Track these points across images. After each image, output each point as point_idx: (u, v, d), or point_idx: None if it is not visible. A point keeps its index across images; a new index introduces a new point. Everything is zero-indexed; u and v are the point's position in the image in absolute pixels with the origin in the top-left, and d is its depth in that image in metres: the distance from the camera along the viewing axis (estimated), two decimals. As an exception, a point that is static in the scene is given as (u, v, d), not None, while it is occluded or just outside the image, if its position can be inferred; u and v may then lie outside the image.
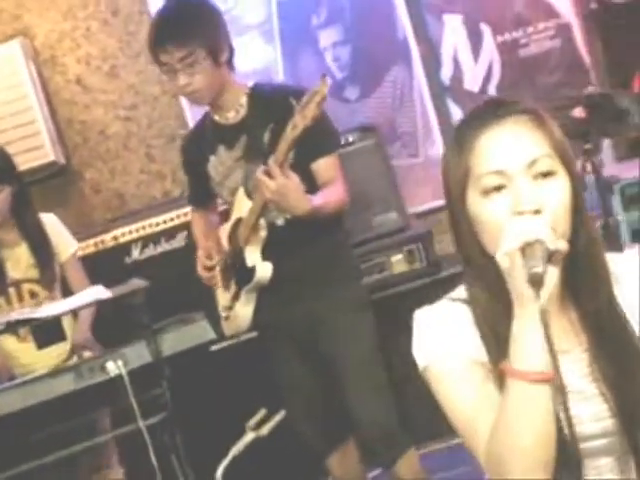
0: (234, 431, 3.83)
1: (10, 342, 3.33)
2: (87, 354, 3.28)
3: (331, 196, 3.01)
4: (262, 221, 3.03)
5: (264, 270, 3.04)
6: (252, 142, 3.04)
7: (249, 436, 2.45)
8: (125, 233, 4.21)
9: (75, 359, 3.30)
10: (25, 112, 4.39)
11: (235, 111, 3.08)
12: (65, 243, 3.61)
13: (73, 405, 2.83)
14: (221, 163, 3.13)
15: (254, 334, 3.24)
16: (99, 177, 4.60)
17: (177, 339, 2.90)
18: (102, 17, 4.54)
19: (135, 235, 4.20)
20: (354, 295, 3.16)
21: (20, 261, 3.48)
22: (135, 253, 4.19)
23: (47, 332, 2.76)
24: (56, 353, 3.34)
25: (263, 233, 3.04)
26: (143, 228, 4.20)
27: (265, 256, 3.06)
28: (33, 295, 3.44)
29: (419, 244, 4.16)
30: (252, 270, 3.05)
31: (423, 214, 4.47)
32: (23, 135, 4.39)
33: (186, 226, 4.19)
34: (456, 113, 4.65)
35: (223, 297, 3.26)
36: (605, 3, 4.74)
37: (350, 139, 4.09)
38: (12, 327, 2.64)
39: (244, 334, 3.25)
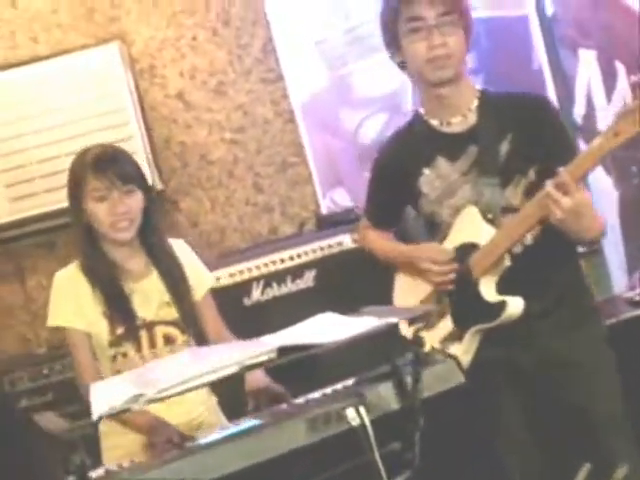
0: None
1: None
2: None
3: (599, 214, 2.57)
4: None
5: (515, 307, 2.54)
6: (485, 154, 2.61)
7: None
8: (244, 270, 3.61)
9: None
10: (121, 127, 3.79)
11: (462, 116, 2.65)
12: (201, 276, 2.87)
13: (304, 463, 2.20)
14: (440, 177, 2.66)
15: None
16: (197, 207, 4.00)
17: (427, 381, 2.31)
18: (211, 26, 4.00)
19: (256, 273, 3.61)
20: (600, 331, 2.73)
21: (151, 297, 2.75)
22: (256, 293, 3.59)
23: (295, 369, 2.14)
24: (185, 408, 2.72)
25: (507, 262, 2.57)
26: (266, 265, 3.60)
27: (499, 288, 2.59)
28: (169, 340, 2.74)
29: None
30: (491, 306, 2.56)
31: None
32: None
33: (316, 264, 3.66)
34: (588, 155, 4.25)
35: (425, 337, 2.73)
36: None
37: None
38: (284, 354, 2.01)
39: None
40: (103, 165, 2.65)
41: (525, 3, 4.19)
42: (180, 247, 2.85)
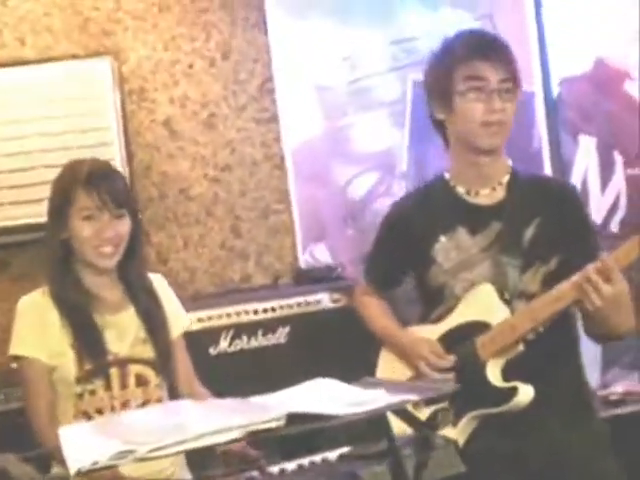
0: None
1: None
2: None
3: None
4: None
5: (526, 394, 2.35)
6: (509, 234, 2.45)
7: None
8: (214, 317, 3.37)
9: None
10: (101, 147, 3.53)
11: (492, 189, 2.50)
12: (178, 315, 2.63)
13: None
14: (458, 248, 2.48)
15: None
16: (169, 243, 3.75)
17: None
18: (210, 56, 3.79)
19: (226, 321, 3.37)
20: (602, 428, 2.56)
21: (126, 332, 2.49)
22: (224, 343, 3.35)
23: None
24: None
25: (520, 347, 2.39)
26: (238, 314, 3.37)
27: (504, 373, 2.41)
28: (141, 381, 2.47)
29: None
30: (498, 391, 2.38)
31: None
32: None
33: (291, 320, 3.44)
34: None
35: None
36: None
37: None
38: (293, 423, 1.77)
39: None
40: (96, 182, 2.41)
41: (533, 80, 4.09)
42: (159, 282, 2.63)
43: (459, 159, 2.51)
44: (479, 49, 2.42)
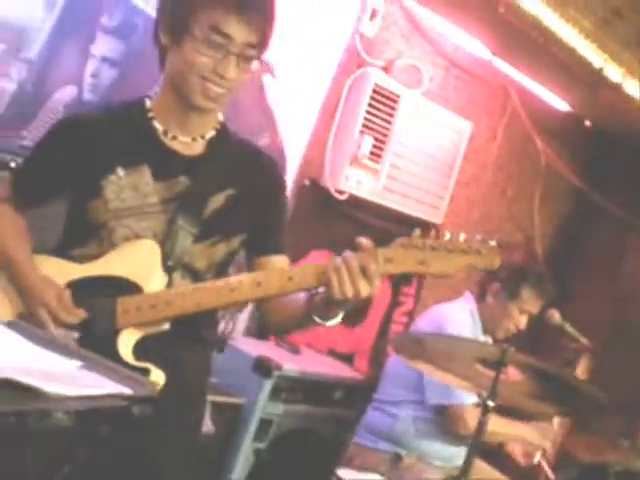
0: None
1: None
2: None
3: None
4: None
5: (157, 378, 2.04)
6: (193, 197, 2.15)
7: None
8: None
9: None
10: None
11: (192, 139, 2.17)
12: None
13: None
14: (135, 190, 2.13)
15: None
16: None
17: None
18: None
19: None
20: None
21: None
22: None
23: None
24: None
25: (166, 326, 2.11)
26: None
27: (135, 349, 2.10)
28: None
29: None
30: (123, 366, 1.96)
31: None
32: None
33: None
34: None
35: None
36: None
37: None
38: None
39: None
40: None
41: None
42: None
43: (167, 95, 2.15)
44: (239, 2, 2.02)
